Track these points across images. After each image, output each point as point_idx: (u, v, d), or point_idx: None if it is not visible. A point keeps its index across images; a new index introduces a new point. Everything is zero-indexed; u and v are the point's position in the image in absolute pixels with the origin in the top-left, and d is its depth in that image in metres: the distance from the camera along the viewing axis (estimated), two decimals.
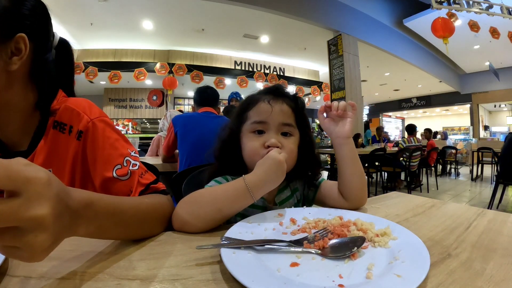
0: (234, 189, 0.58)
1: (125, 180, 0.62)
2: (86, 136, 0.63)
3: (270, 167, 0.60)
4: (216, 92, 2.28)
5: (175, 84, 8.36)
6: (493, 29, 6.58)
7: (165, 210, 0.60)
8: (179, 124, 1.99)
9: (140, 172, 0.64)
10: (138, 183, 0.62)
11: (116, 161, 0.62)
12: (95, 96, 10.59)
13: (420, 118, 18.37)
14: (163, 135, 3.19)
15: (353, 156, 0.73)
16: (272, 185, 0.61)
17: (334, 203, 0.75)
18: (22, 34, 0.55)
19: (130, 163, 0.63)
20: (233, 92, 3.57)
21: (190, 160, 1.90)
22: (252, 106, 0.75)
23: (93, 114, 0.65)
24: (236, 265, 0.37)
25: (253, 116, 0.73)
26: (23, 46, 0.55)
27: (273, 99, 0.73)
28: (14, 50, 0.55)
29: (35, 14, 0.59)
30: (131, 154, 0.65)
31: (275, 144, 0.68)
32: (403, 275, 0.35)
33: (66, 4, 5.83)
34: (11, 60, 0.54)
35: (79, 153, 0.64)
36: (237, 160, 0.74)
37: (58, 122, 0.64)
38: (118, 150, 0.64)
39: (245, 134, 0.74)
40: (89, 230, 0.40)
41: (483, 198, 4.66)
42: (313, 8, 6.14)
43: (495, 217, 0.64)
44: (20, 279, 0.37)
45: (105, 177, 0.61)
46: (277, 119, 0.71)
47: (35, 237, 0.28)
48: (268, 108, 0.71)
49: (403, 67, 9.35)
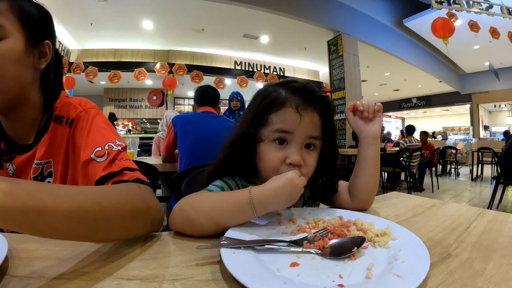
0: (235, 200, 0.53)
1: (101, 162, 0.59)
2: (77, 123, 0.67)
3: (284, 188, 0.53)
4: (217, 92, 2.27)
5: (175, 84, 8.36)
6: (493, 29, 6.58)
7: (135, 203, 0.50)
8: (178, 124, 1.99)
9: (119, 156, 0.61)
10: (108, 163, 0.59)
11: (98, 144, 0.62)
12: (95, 96, 10.60)
13: (420, 118, 18.38)
14: (161, 136, 3.19)
15: (377, 158, 0.71)
16: (278, 207, 0.55)
17: (339, 203, 0.74)
18: (47, 41, 0.66)
19: (111, 148, 0.62)
20: (233, 92, 3.55)
21: (190, 160, 1.90)
22: (276, 109, 0.63)
23: (87, 105, 0.70)
24: (236, 265, 0.37)
25: (277, 122, 0.62)
26: (47, 50, 0.66)
27: (303, 106, 0.62)
28: (41, 54, 0.65)
29: (51, 23, 0.69)
30: (116, 142, 0.64)
31: (298, 163, 0.61)
32: (403, 275, 0.35)
33: (66, 4, 5.83)
34: (39, 60, 0.65)
35: (70, 140, 0.67)
36: (248, 163, 0.67)
37: (58, 116, 0.68)
38: (104, 136, 0.64)
39: (264, 141, 0.64)
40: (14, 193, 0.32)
41: (483, 198, 4.66)
42: (313, 8, 6.14)
43: (495, 217, 0.64)
44: (20, 279, 0.36)
45: (84, 160, 0.60)
46: (305, 132, 0.62)
47: None
48: (297, 118, 0.61)
49: (403, 67, 9.35)
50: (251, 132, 0.65)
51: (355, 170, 0.73)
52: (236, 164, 0.67)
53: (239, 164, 0.67)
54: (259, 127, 0.65)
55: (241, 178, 0.70)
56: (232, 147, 0.67)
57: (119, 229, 0.46)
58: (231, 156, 0.67)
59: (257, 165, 0.67)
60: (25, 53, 0.60)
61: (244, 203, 0.52)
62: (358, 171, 0.72)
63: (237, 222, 0.54)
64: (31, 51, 0.62)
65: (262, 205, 0.52)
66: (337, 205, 0.74)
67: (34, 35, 0.62)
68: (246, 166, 0.68)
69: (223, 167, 0.69)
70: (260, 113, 0.65)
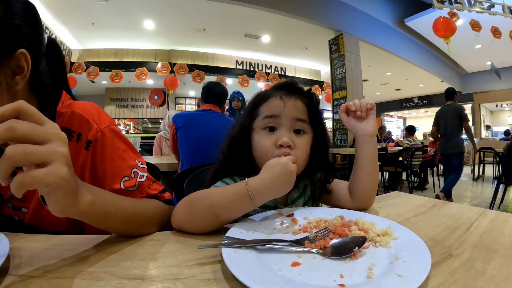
0: (234, 193, 0.55)
1: (133, 191, 0.62)
2: (95, 146, 0.62)
3: (279, 175, 0.56)
4: (225, 90, 2.19)
5: (177, 83, 8.36)
6: (495, 28, 6.55)
7: (162, 213, 0.61)
8: (178, 123, 1.98)
9: (148, 183, 0.66)
10: (147, 194, 0.65)
11: (124, 172, 0.63)
12: (96, 96, 10.62)
13: (421, 118, 18.31)
14: (163, 135, 3.20)
15: (375, 155, 0.72)
16: (276, 194, 0.57)
17: (340, 202, 0.74)
18: (22, 50, 0.50)
19: (137, 175, 0.64)
20: (234, 92, 3.55)
21: (191, 160, 1.89)
22: (263, 101, 0.72)
23: (102, 123, 0.64)
24: (237, 265, 0.37)
25: (265, 111, 0.70)
26: (24, 63, 0.51)
27: (286, 95, 0.70)
28: (15, 68, 0.51)
29: (27, 21, 0.53)
30: (139, 166, 0.66)
31: (287, 143, 0.65)
32: (404, 275, 0.35)
33: (67, 4, 5.84)
34: (14, 80, 0.51)
35: (87, 163, 0.63)
36: (247, 159, 0.71)
37: (66, 129, 0.62)
38: (126, 161, 0.64)
39: (256, 131, 0.70)
40: (95, 205, 0.44)
41: (485, 198, 4.65)
42: (314, 7, 6.13)
43: (497, 217, 0.64)
44: (22, 278, 0.37)
45: (113, 189, 0.61)
46: (290, 114, 0.68)
47: (60, 167, 0.34)
48: (281, 103, 0.68)
49: (405, 66, 9.32)
50: (245, 126, 0.72)
51: (353, 169, 0.73)
52: (236, 161, 0.72)
53: (238, 161, 0.71)
54: (252, 121, 0.72)
55: (241, 178, 0.71)
56: (230, 143, 0.74)
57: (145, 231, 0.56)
58: (230, 153, 0.73)
59: (254, 157, 0.71)
60: None
61: (242, 194, 0.54)
62: (356, 169, 0.72)
63: (237, 214, 0.56)
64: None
65: (260, 194, 0.55)
66: (338, 205, 0.74)
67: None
68: (245, 164, 0.71)
69: (223, 167, 0.73)
70: (251, 110, 0.74)
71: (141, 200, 0.60)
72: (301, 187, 0.77)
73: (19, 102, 0.33)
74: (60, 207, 0.37)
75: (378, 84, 12.38)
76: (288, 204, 0.73)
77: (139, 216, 0.55)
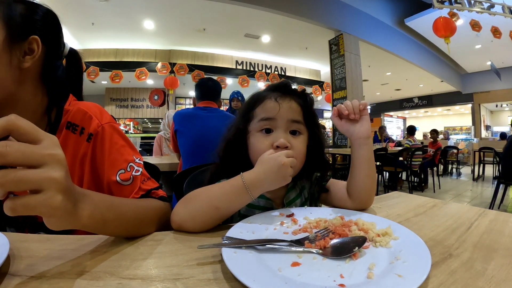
0: (231, 186, 0.58)
1: (127, 185, 0.64)
2: (96, 139, 0.66)
3: (271, 168, 0.58)
4: (217, 84, 2.17)
5: (177, 83, 8.36)
6: (495, 28, 6.55)
7: (160, 212, 0.62)
8: (177, 121, 1.97)
9: (142, 179, 0.67)
10: (139, 188, 0.65)
11: (121, 165, 0.65)
12: (96, 96, 10.62)
13: (421, 118, 18.32)
14: (163, 135, 3.20)
15: (370, 157, 0.71)
16: (270, 186, 0.59)
17: (339, 203, 0.74)
18: (35, 36, 0.60)
19: (133, 169, 0.66)
20: (234, 92, 3.54)
21: (191, 159, 1.89)
22: (258, 103, 0.72)
23: (104, 119, 0.69)
24: (237, 265, 0.37)
25: (260, 113, 0.70)
26: (35, 46, 0.61)
27: (281, 96, 0.70)
28: (28, 50, 0.60)
29: (46, 20, 0.65)
30: (135, 161, 0.68)
31: (284, 145, 0.65)
32: (404, 275, 0.35)
33: (67, 4, 5.84)
34: (24, 58, 0.59)
35: (87, 154, 0.66)
36: (243, 161, 0.71)
37: (71, 123, 0.67)
38: (123, 155, 0.67)
39: (252, 133, 0.71)
40: (94, 216, 0.43)
41: (485, 198, 4.65)
42: (314, 7, 6.13)
43: (497, 217, 0.64)
44: (21, 279, 0.37)
45: (110, 180, 0.64)
46: (285, 116, 0.69)
47: (53, 197, 0.33)
48: (276, 105, 0.69)
49: (405, 66, 9.32)
50: (241, 129, 0.73)
51: (350, 171, 0.73)
52: (232, 164, 0.72)
53: (234, 163, 0.71)
54: (248, 124, 0.73)
55: None
56: (226, 147, 0.74)
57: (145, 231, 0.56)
58: (227, 156, 0.74)
59: (251, 159, 0.71)
60: (3, 51, 0.55)
61: (239, 187, 0.57)
62: (353, 172, 0.72)
63: (236, 207, 0.58)
64: (10, 48, 0.56)
65: (256, 186, 0.57)
66: (337, 205, 0.74)
67: (16, 31, 0.57)
68: (241, 166, 0.69)
69: (221, 168, 0.74)
70: (246, 112, 0.74)
71: (138, 201, 0.61)
72: (298, 188, 0.77)
73: (11, 117, 0.32)
74: (55, 227, 0.37)
75: (378, 84, 12.39)
76: (284, 206, 0.73)
77: (138, 218, 0.55)
